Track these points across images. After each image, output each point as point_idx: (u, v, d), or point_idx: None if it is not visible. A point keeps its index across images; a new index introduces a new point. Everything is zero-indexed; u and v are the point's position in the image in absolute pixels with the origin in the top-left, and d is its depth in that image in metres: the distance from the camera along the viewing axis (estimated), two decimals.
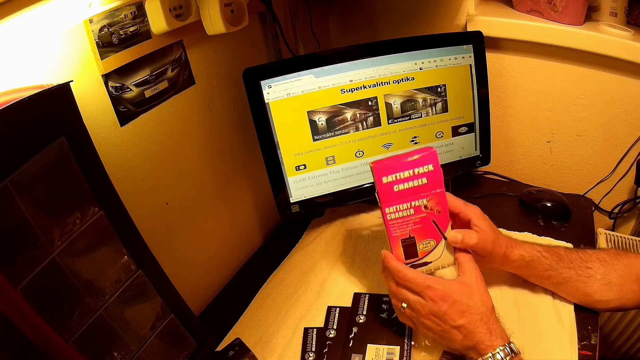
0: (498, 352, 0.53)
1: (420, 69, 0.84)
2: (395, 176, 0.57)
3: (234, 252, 0.92)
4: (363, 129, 0.84)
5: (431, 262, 0.61)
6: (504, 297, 0.71)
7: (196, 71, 0.74)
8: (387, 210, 0.58)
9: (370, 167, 0.59)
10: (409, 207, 0.58)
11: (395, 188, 0.57)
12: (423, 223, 0.59)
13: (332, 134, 0.83)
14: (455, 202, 0.63)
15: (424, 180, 0.58)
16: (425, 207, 0.59)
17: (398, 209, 0.58)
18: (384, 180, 0.57)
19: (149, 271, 0.57)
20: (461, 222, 0.64)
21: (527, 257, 0.65)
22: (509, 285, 0.73)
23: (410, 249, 0.60)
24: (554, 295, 0.70)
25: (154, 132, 0.68)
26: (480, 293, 0.57)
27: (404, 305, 0.60)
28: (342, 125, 0.83)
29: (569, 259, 0.66)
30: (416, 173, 0.57)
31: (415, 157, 0.57)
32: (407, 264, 0.60)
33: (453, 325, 0.56)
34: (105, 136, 0.60)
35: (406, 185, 0.57)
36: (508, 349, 0.54)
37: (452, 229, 0.62)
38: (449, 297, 0.56)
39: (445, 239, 0.61)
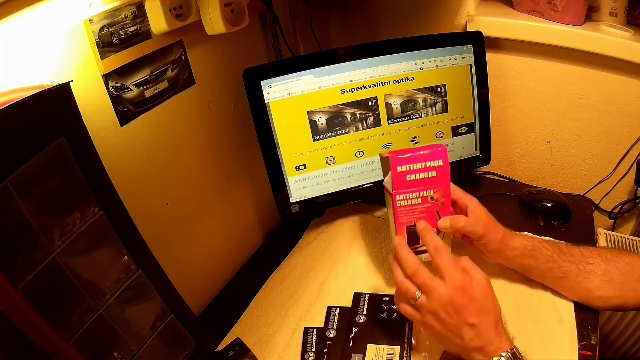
0: (505, 355, 0.53)
1: (420, 69, 0.84)
2: (409, 167, 0.61)
3: (234, 252, 0.92)
4: (363, 129, 0.84)
5: None
6: (503, 297, 0.70)
7: (196, 71, 0.74)
8: (397, 197, 0.62)
9: (381, 157, 0.64)
10: (417, 196, 0.62)
11: (408, 177, 0.62)
12: (427, 213, 0.64)
13: (332, 134, 0.83)
14: (455, 190, 0.66)
15: (434, 173, 0.62)
16: (432, 198, 0.63)
17: (407, 197, 0.62)
18: (399, 169, 0.61)
19: (149, 271, 0.57)
20: (460, 211, 0.66)
21: (528, 246, 0.66)
22: (508, 285, 0.73)
23: (413, 236, 0.63)
24: (554, 294, 0.70)
25: (154, 132, 0.68)
26: (492, 294, 0.57)
27: (418, 294, 0.56)
28: (342, 125, 0.83)
29: (570, 252, 0.67)
30: (427, 166, 0.61)
31: (428, 151, 0.62)
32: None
33: (467, 321, 0.53)
34: (105, 136, 0.60)
35: (418, 176, 0.62)
36: (512, 353, 0.53)
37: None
38: (470, 291, 0.54)
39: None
